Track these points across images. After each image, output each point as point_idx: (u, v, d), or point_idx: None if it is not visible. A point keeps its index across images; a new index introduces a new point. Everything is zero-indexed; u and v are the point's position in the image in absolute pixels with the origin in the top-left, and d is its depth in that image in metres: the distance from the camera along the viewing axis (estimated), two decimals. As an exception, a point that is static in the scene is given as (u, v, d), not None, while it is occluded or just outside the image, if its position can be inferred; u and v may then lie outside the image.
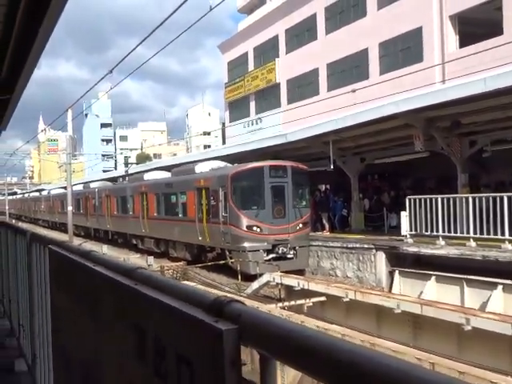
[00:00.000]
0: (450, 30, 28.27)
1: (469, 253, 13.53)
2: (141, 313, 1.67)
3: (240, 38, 47.98)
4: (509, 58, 19.76)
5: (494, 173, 23.22)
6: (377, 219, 22.17)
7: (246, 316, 1.18)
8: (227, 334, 1.16)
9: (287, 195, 18.86)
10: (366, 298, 11.63)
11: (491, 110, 15.50)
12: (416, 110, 15.78)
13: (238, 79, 47.90)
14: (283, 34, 42.04)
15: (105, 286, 2.04)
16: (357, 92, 20.06)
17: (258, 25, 44.79)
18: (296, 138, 20.80)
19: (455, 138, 17.23)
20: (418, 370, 0.85)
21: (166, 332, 1.49)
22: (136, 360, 1.75)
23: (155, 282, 1.72)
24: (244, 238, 18.18)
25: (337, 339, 1.05)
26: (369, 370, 0.93)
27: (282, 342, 1.08)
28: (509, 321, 8.65)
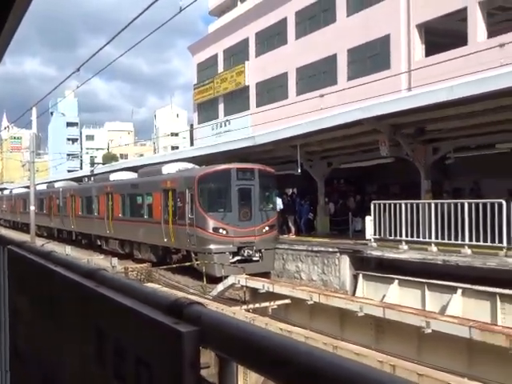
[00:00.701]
0: (417, 38, 28.83)
1: (430, 257, 13.82)
2: (102, 315, 1.66)
3: (210, 40, 47.88)
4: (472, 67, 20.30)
5: (456, 179, 23.80)
6: (342, 223, 22.41)
7: (206, 318, 1.19)
8: (187, 336, 1.16)
9: (254, 198, 18.89)
10: (329, 301, 11.73)
11: (454, 118, 15.87)
12: (382, 116, 16.06)
13: (208, 81, 47.77)
14: (253, 37, 42.13)
15: (66, 288, 2.01)
16: (325, 97, 20.28)
17: (228, 27, 44.79)
18: (264, 140, 20.87)
19: (419, 145, 17.58)
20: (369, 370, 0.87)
21: (126, 334, 1.48)
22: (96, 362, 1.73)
23: (116, 283, 1.71)
24: (210, 240, 18.13)
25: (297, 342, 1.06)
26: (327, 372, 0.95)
27: (242, 345, 1.08)
28: (467, 324, 8.86)
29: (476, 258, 12.86)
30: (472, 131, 16.59)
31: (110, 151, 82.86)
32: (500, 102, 13.88)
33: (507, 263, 12.02)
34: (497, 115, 15.03)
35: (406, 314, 10.03)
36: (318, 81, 34.69)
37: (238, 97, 44.30)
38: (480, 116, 15.25)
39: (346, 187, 28.14)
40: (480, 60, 20.19)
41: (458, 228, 13.52)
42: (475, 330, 8.49)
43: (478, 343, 8.60)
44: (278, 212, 20.40)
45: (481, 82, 13.12)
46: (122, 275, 11.00)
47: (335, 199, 25.45)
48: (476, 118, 15.51)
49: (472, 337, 8.53)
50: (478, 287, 12.08)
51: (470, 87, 13.28)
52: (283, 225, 23.00)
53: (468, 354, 9.10)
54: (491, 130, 16.07)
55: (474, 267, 12.52)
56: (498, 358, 8.32)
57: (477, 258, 12.78)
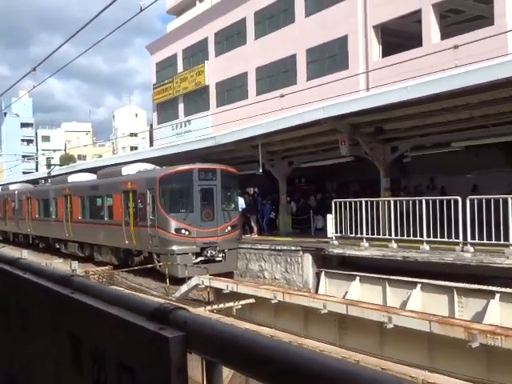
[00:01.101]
0: (374, 39, 29.39)
1: (391, 254, 14.11)
2: (78, 322, 1.64)
3: (169, 40, 47.50)
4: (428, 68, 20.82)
5: (413, 177, 24.40)
6: (304, 222, 22.63)
7: (193, 323, 1.20)
8: (174, 342, 1.17)
9: (216, 198, 18.85)
10: (293, 299, 11.83)
11: (411, 118, 16.24)
12: (341, 116, 16.28)
13: (167, 81, 47.39)
14: (212, 37, 42.04)
15: (37, 295, 1.98)
16: (286, 97, 20.42)
17: (187, 27, 44.55)
18: (226, 140, 20.86)
19: (378, 144, 17.92)
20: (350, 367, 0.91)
21: (106, 341, 1.47)
22: (72, 370, 1.71)
23: (93, 290, 1.69)
24: (172, 241, 18.00)
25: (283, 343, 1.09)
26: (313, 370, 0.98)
27: (230, 348, 1.10)
28: (427, 318, 9.10)
29: (434, 253, 13.22)
30: (428, 130, 17.02)
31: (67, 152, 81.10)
32: (454, 101, 14.30)
33: (463, 258, 12.40)
34: (451, 115, 15.48)
35: (368, 309, 10.22)
36: (278, 81, 34.94)
37: (198, 97, 44.12)
38: (436, 115, 15.66)
39: (307, 186, 28.45)
40: (435, 61, 20.76)
41: (417, 225, 13.86)
42: (435, 324, 8.73)
43: (438, 336, 8.85)
44: (240, 212, 20.43)
45: (435, 82, 13.48)
46: (96, 281, 10.79)
47: (297, 198, 25.66)
48: (432, 118, 15.92)
49: (432, 330, 8.77)
50: (436, 282, 12.41)
51: (425, 88, 13.62)
52: (246, 224, 23.05)
53: (429, 347, 9.35)
54: (446, 129, 16.51)
55: (432, 262, 12.86)
56: (458, 351, 8.58)
57: (434, 254, 13.14)
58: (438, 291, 12.33)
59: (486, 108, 14.54)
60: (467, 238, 12.64)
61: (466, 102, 14.17)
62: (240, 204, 20.78)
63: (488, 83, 12.21)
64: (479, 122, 15.40)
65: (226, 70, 39.60)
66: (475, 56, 18.09)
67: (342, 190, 26.00)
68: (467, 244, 12.69)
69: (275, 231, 22.99)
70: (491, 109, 14.56)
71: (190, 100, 45.35)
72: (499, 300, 11.00)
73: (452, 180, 22.18)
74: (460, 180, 21.53)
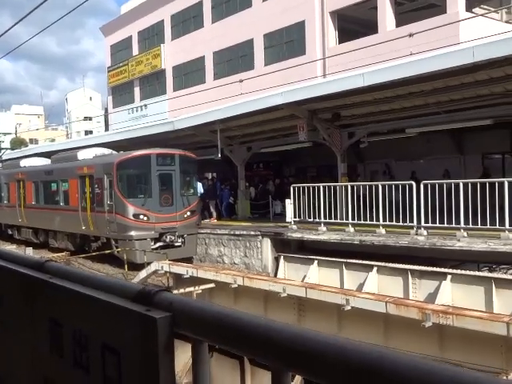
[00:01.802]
0: (331, 25, 29.59)
1: (348, 238, 14.44)
2: (58, 307, 1.66)
3: (123, 21, 46.46)
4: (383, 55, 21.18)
5: (369, 163, 24.91)
6: (262, 207, 22.81)
7: (178, 304, 1.25)
8: (161, 322, 1.23)
9: (175, 183, 18.77)
10: (253, 283, 11.98)
11: (367, 104, 16.55)
12: (299, 101, 16.41)
13: (122, 64, 46.47)
14: (169, 20, 41.40)
15: (13, 282, 1.98)
16: (244, 82, 20.40)
17: (142, 8, 43.67)
18: (183, 125, 20.71)
19: (335, 130, 18.19)
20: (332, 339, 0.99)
21: (89, 324, 1.51)
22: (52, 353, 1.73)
23: (71, 274, 1.72)
24: (130, 226, 17.85)
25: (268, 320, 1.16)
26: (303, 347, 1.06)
27: (215, 326, 1.16)
28: (383, 300, 9.41)
29: (389, 237, 13.60)
30: (384, 117, 17.37)
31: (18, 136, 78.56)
32: (409, 88, 14.66)
33: (417, 241, 12.82)
34: (406, 101, 15.86)
35: (326, 292, 10.47)
36: (236, 65, 34.82)
37: (155, 80, 43.51)
38: (391, 102, 16.01)
39: (265, 171, 28.62)
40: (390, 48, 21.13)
41: (373, 209, 14.20)
42: (391, 305, 9.04)
43: (393, 317, 9.17)
44: (199, 197, 20.40)
45: (391, 70, 13.74)
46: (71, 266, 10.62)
47: (255, 183, 25.83)
48: (387, 104, 16.28)
49: (388, 311, 9.08)
50: (391, 264, 12.79)
51: (381, 75, 13.88)
52: (205, 210, 23.04)
53: (385, 327, 9.68)
54: (401, 115, 16.90)
55: (388, 246, 13.24)
56: (412, 330, 8.93)
57: (390, 238, 13.52)
58: (394, 273, 12.73)
59: (439, 95, 14.97)
60: (421, 221, 13.05)
61: (420, 89, 14.54)
62: (199, 189, 20.75)
63: (441, 71, 12.56)
64: (433, 109, 15.84)
65: (183, 54, 39.15)
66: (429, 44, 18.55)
67: (301, 176, 26.33)
68: (421, 228, 13.11)
69: (234, 216, 23.07)
70: (443, 96, 15.00)
71: (146, 84, 44.67)
72: (450, 281, 11.45)
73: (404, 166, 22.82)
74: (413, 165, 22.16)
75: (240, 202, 23.10)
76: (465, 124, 16.42)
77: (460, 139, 21.47)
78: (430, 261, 12.35)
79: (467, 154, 21.73)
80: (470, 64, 11.89)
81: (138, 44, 45.30)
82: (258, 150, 22.83)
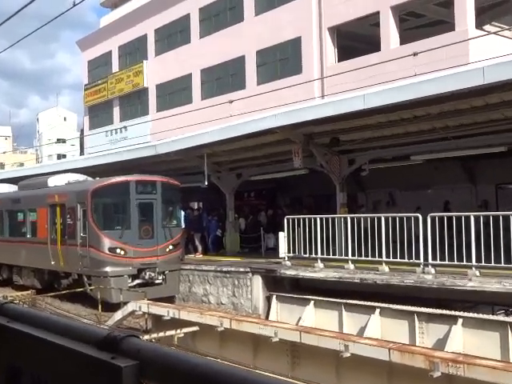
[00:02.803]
0: (329, 42, 30.01)
1: (347, 276, 14.42)
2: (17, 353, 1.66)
3: (103, 35, 46.98)
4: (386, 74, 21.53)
5: (371, 192, 25.04)
6: (253, 240, 22.79)
7: (147, 351, 1.26)
8: (127, 371, 1.23)
9: (156, 214, 18.75)
10: (242, 326, 11.88)
11: (368, 128, 16.74)
12: (294, 124, 16.57)
13: (101, 81, 46.83)
14: (153, 34, 41.92)
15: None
16: (234, 103, 20.62)
17: (123, 21, 44.21)
18: (167, 150, 20.79)
19: (334, 156, 18.34)
20: None
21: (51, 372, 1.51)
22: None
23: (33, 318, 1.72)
24: (106, 261, 17.75)
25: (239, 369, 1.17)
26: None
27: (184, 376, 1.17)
28: (386, 346, 9.36)
29: (393, 275, 13.60)
30: (387, 142, 17.57)
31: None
32: (414, 112, 14.87)
33: (424, 280, 12.83)
34: (411, 125, 16.06)
35: (323, 337, 10.39)
36: (226, 84, 35.19)
37: (136, 100, 43.83)
38: (395, 126, 16.21)
39: (257, 201, 28.70)
40: (394, 67, 21.51)
41: (375, 244, 14.23)
42: (395, 352, 8.98)
43: (397, 366, 9.09)
44: (183, 229, 20.37)
45: (394, 91, 13.97)
46: (33, 309, 10.47)
47: (246, 214, 25.84)
48: (391, 129, 16.47)
49: (392, 359, 9.01)
50: (395, 306, 12.75)
51: (384, 96, 14.08)
52: (189, 243, 22.97)
53: (388, 377, 9.59)
54: (406, 140, 17.10)
55: (392, 285, 13.23)
56: (419, 381, 8.85)
57: (394, 276, 13.52)
58: (398, 316, 12.68)
59: (447, 119, 15.18)
60: (428, 258, 13.08)
61: (426, 112, 14.75)
62: (183, 220, 20.72)
63: (448, 93, 12.75)
64: (440, 135, 16.03)
65: (168, 71, 39.53)
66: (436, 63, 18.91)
67: (296, 206, 26.38)
68: (428, 265, 13.13)
69: (222, 251, 23.02)
70: (452, 120, 15.21)
71: (126, 103, 44.96)
72: (462, 326, 11.41)
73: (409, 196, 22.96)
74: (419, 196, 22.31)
75: (228, 235, 23.07)
76: (476, 151, 16.62)
77: (471, 167, 21.66)
78: (438, 302, 12.34)
79: (479, 184, 21.91)
80: (481, 86, 12.08)
81: (119, 60, 45.75)
82: (248, 177, 22.93)
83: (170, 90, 40.33)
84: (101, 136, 43.40)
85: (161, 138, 26.29)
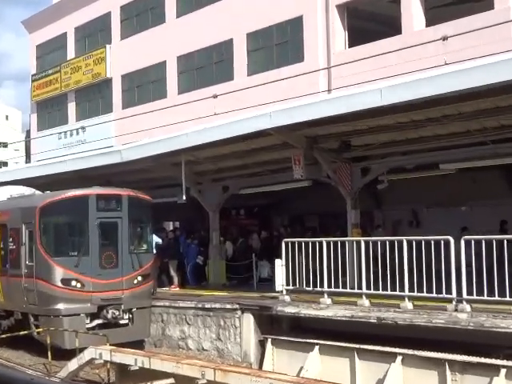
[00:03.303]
0: (338, 23, 30.05)
1: (361, 314, 14.33)
2: None
3: (56, 14, 47.02)
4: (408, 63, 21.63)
5: (390, 210, 25.03)
6: (243, 269, 22.70)
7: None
8: None
9: (121, 236, 18.64)
10: (228, 378, 11.74)
11: (387, 130, 16.73)
12: (294, 125, 16.53)
13: (52, 70, 46.86)
14: (118, 12, 42.06)
15: None
16: (219, 97, 20.55)
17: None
18: (135, 156, 20.72)
19: (344, 164, 18.34)
20: None
21: None
22: None
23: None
24: (57, 297, 17.61)
25: None
26: None
27: None
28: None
29: (419, 313, 13.51)
30: (410, 147, 17.56)
31: None
32: (443, 110, 14.87)
33: (457, 320, 12.76)
34: (440, 127, 16.07)
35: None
36: (209, 75, 35.26)
37: (97, 94, 43.87)
38: (420, 128, 16.21)
39: (247, 220, 28.63)
40: (418, 53, 21.59)
41: (396, 274, 14.17)
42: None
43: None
44: (155, 255, 20.29)
45: (418, 83, 13.91)
46: None
47: (234, 237, 25.75)
48: (415, 131, 16.47)
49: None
50: (421, 353, 12.67)
51: (405, 90, 14.04)
52: (163, 273, 22.86)
53: None
54: (434, 145, 17.10)
55: (417, 326, 13.14)
56: None
57: (420, 315, 13.43)
58: (425, 365, 12.60)
59: (484, 119, 15.19)
60: (462, 293, 13.01)
61: (458, 110, 14.76)
62: (155, 245, 20.64)
63: (486, 87, 12.74)
64: (476, 138, 16.05)
65: (137, 58, 39.56)
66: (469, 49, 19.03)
67: (296, 227, 26.33)
68: (462, 301, 13.07)
69: (204, 282, 22.94)
70: (491, 120, 15.23)
71: (84, 98, 44.95)
72: (505, 377, 11.34)
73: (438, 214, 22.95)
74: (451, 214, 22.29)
75: (212, 263, 22.99)
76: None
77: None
78: (475, 348, 12.27)
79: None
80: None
81: (75, 44, 45.81)
82: (237, 190, 22.89)
83: (140, 82, 40.35)
84: (52, 139, 43.27)
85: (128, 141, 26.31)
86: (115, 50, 42.07)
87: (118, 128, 37.50)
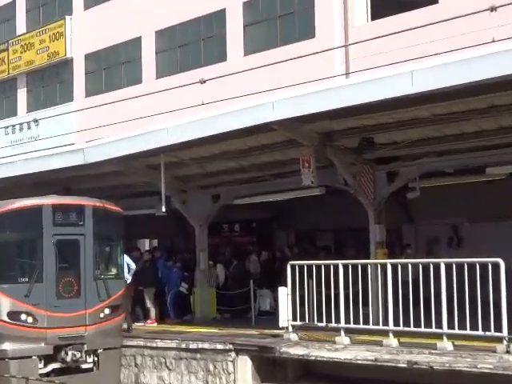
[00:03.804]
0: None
1: (388, 357, 14.27)
2: None
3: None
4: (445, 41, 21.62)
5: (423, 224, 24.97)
6: (238, 300, 22.61)
7: None
8: None
9: (84, 258, 18.59)
10: None
11: (419, 124, 16.65)
12: (303, 117, 16.47)
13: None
14: (81, -25, 42.16)
15: None
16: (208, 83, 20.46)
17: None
18: (101, 157, 20.68)
19: (366, 167, 18.28)
20: None
21: None
22: None
23: None
24: (3, 334, 17.56)
25: None
26: None
27: None
28: None
29: (461, 356, 13.47)
30: (449, 146, 17.52)
31: None
32: (491, 100, 14.83)
33: (509, 365, 12.70)
34: (486, 121, 16.02)
35: None
36: (195, 54, 35.32)
37: (54, 78, 43.89)
38: (460, 122, 16.17)
39: (244, 237, 28.56)
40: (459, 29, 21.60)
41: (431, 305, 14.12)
42: None
43: None
44: (126, 282, 20.25)
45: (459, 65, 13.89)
46: None
47: (226, 259, 25.66)
48: (455, 125, 16.44)
49: None
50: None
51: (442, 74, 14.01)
52: (137, 305, 22.78)
53: None
54: (478, 144, 17.06)
55: (459, 372, 13.08)
56: None
57: (462, 357, 13.38)
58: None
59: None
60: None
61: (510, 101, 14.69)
62: (127, 269, 20.60)
63: None
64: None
65: (104, 34, 39.55)
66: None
67: (305, 246, 26.25)
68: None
69: (188, 316, 22.86)
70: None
71: (38, 83, 44.97)
72: None
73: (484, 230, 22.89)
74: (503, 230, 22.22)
75: (199, 292, 22.91)
76: None
77: None
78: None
79: None
80: None
81: (27, 15, 45.85)
82: (231, 200, 22.82)
83: (108, 64, 40.38)
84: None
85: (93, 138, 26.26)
86: (77, 22, 42.10)
87: (80, 121, 37.45)
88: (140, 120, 23.24)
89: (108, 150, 20.75)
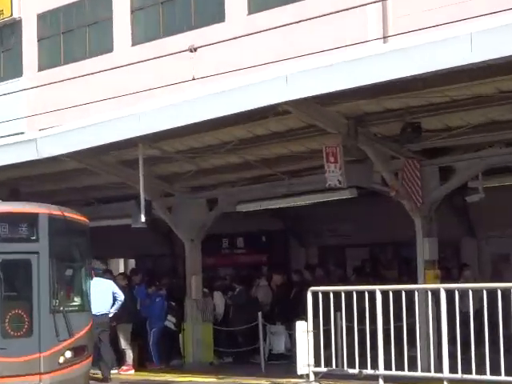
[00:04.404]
0: None
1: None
2: None
3: None
4: None
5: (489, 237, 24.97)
6: (243, 338, 22.63)
7: None
8: None
9: (38, 283, 18.63)
10: None
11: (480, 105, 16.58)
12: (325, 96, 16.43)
13: None
14: None
15: None
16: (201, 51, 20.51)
17: None
18: (60, 150, 20.71)
19: (411, 162, 18.26)
20: None
21: None
22: None
23: None
24: None
25: None
26: None
27: None
28: None
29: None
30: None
31: None
32: None
33: None
34: None
35: None
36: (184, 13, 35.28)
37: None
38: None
39: (249, 256, 28.60)
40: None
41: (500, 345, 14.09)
42: None
43: None
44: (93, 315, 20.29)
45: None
46: None
47: (226, 284, 25.68)
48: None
49: None
50: None
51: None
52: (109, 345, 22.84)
53: None
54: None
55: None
56: None
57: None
58: None
59: None
60: None
61: None
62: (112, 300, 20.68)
63: None
64: None
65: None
66: None
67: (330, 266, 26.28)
68: None
69: (176, 361, 22.87)
70: None
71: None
72: None
73: None
74: None
75: (191, 328, 22.93)
76: None
77: None
78: None
79: None
80: None
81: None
82: (232, 206, 22.86)
83: (68, 26, 40.47)
84: None
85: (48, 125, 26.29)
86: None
87: (31, 103, 37.57)
88: (111, 101, 23.25)
89: (68, 140, 20.74)
